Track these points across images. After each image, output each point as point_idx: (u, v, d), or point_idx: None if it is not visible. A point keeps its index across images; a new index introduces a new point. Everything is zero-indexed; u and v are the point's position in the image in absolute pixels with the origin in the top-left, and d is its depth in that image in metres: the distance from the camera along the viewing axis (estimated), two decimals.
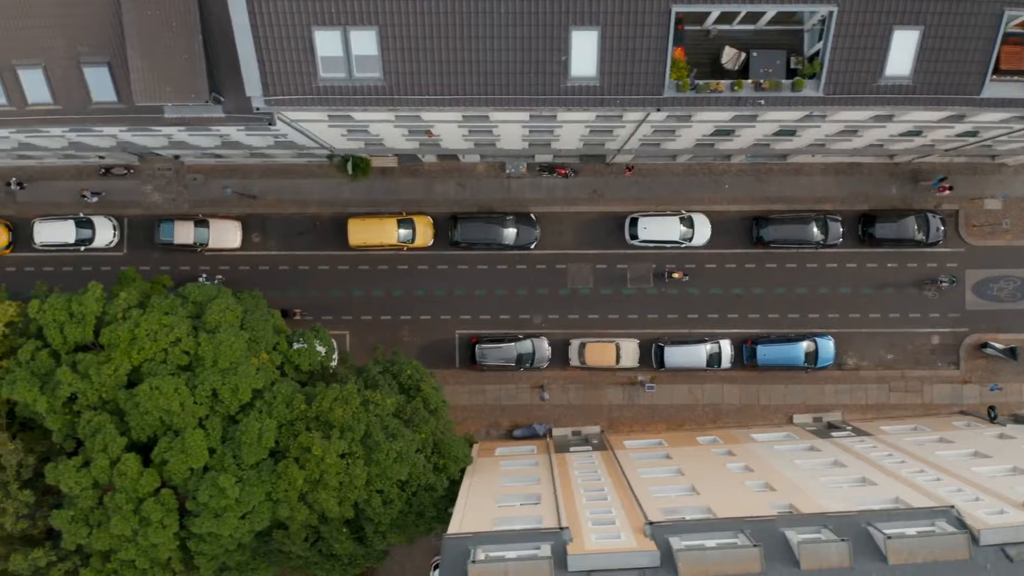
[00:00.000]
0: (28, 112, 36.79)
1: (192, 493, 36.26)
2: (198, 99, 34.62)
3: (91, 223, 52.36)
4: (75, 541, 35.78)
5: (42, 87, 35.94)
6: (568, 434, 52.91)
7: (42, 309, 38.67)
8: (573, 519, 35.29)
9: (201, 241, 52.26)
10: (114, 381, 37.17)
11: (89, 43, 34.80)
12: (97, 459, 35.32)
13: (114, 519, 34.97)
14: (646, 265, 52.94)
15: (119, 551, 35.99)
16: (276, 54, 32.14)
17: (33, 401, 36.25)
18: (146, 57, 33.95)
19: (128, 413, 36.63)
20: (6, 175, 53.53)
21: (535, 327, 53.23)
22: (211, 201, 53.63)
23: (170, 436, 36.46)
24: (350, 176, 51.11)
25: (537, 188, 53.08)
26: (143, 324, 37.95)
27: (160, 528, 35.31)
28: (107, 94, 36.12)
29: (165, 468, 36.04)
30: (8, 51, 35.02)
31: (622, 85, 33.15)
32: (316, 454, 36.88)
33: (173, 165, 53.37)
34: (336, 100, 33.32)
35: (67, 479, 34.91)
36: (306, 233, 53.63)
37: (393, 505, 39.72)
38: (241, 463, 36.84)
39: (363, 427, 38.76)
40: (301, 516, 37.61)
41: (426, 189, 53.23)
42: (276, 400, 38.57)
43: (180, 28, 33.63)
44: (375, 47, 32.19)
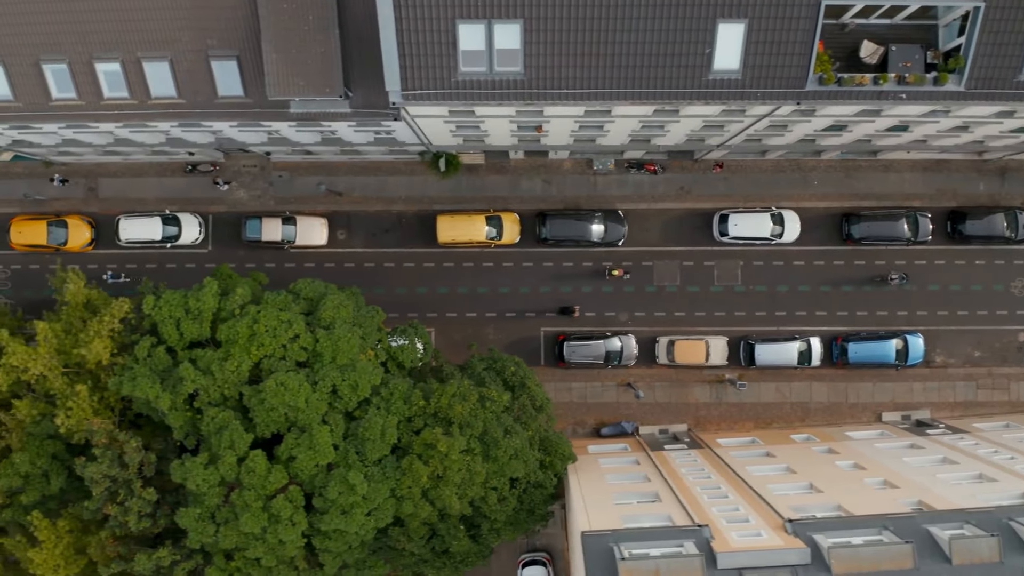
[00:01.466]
0: (150, 106, 36.52)
1: (319, 490, 35.97)
2: (332, 93, 34.36)
3: (177, 220, 52.11)
4: (201, 539, 35.45)
5: (167, 81, 35.64)
6: (655, 432, 52.66)
7: (157, 306, 38.36)
8: (704, 518, 35.00)
9: (288, 238, 52.01)
10: (236, 377, 36.90)
11: (219, 37, 34.51)
12: (224, 456, 35.00)
13: (243, 516, 34.65)
14: (734, 262, 52.68)
15: (246, 549, 35.66)
16: (418, 48, 31.86)
17: (155, 398, 35.94)
18: (280, 51, 33.67)
19: (253, 409, 36.34)
20: (85, 172, 53.30)
21: (621, 325, 52.96)
22: (296, 198, 53.38)
23: (296, 432, 36.17)
24: (441, 173, 50.85)
25: (624, 185, 52.84)
26: (261, 320, 37.67)
27: (289, 525, 34.99)
28: (234, 88, 35.83)
29: (292, 465, 35.74)
30: (135, 44, 34.75)
31: (764, 78, 32.90)
32: (441, 450, 36.62)
33: (259, 162, 53.11)
34: (475, 95, 33.06)
35: (195, 476, 34.59)
36: (392, 230, 53.38)
37: (507, 502, 39.46)
38: (365, 459, 36.57)
39: (481, 424, 38.50)
40: (424, 513, 37.35)
41: (512, 186, 52.98)
42: (393, 397, 38.30)
43: (316, 22, 33.36)
44: (518, 40, 31.93)
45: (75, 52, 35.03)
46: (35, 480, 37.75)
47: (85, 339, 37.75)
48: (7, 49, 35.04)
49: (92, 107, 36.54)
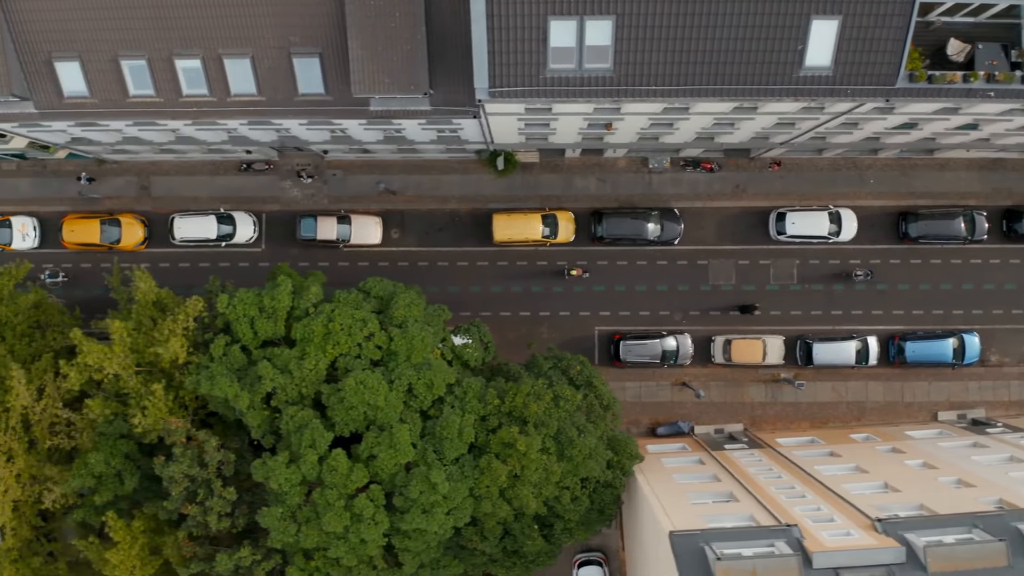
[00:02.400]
0: (229, 104, 36.30)
1: (399, 489, 35.79)
2: (417, 91, 34.15)
3: (232, 218, 51.92)
4: (283, 539, 35.22)
5: (248, 78, 35.39)
6: (711, 431, 52.48)
7: (231, 304, 38.16)
8: (788, 517, 34.80)
9: (343, 237, 51.81)
10: (315, 376, 36.72)
11: (302, 34, 34.28)
12: (306, 455, 34.80)
13: (327, 516, 34.45)
14: (790, 261, 52.51)
15: (328, 548, 35.45)
16: (508, 44, 31.67)
17: (234, 396, 35.73)
18: (367, 48, 33.45)
19: (332, 408, 36.13)
20: (138, 170, 53.11)
21: (675, 324, 52.78)
22: (350, 197, 53.20)
23: (375, 431, 35.96)
24: (497, 171, 50.66)
25: (679, 183, 52.66)
26: (336, 319, 37.49)
27: (372, 524, 34.78)
28: (315, 86, 35.61)
29: (373, 463, 35.55)
30: (217, 40, 34.50)
31: (855, 75, 32.73)
32: (520, 449, 36.45)
33: (313, 160, 52.92)
34: (563, 92, 32.87)
35: (277, 476, 34.37)
36: (445, 229, 53.19)
37: (580, 502, 39.28)
38: (443, 458, 36.40)
39: (556, 423, 38.34)
40: (502, 512, 37.17)
41: (566, 184, 52.80)
42: (467, 396, 38.13)
43: (403, 19, 33.15)
44: (609, 37, 31.75)
45: (155, 49, 34.81)
46: (108, 480, 37.54)
47: (159, 337, 37.55)
48: (86, 45, 34.80)
49: (170, 104, 36.32)
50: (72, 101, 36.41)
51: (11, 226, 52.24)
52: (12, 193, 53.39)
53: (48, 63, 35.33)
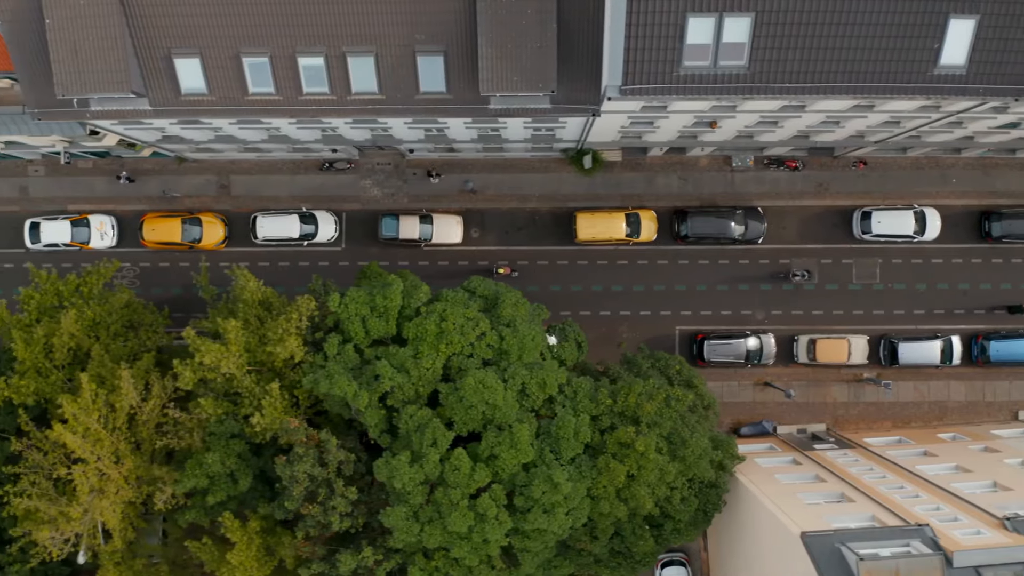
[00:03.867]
0: (349, 102, 36.10)
1: (520, 488, 35.61)
2: (544, 89, 33.96)
3: (314, 218, 51.73)
4: (406, 539, 35.01)
5: (370, 76, 35.18)
6: (794, 431, 52.33)
7: (343, 303, 37.97)
8: (912, 517, 34.65)
9: (425, 237, 51.63)
10: (432, 375, 36.54)
11: (428, 31, 34.07)
12: (428, 455, 34.61)
13: (451, 515, 34.25)
14: (873, 260, 52.36)
15: (451, 548, 35.27)
16: (645, 42, 31.47)
17: (353, 395, 35.51)
18: (497, 46, 33.25)
19: (450, 407, 35.95)
20: (218, 168, 52.93)
21: (757, 323, 52.63)
22: (430, 196, 53.02)
23: (494, 431, 35.78)
24: (585, 170, 50.49)
25: (761, 182, 52.51)
26: (449, 318, 37.32)
27: (496, 524, 34.59)
28: (436, 84, 35.40)
29: (494, 463, 35.38)
30: (341, 38, 34.28)
31: (987, 75, 32.58)
32: (639, 449, 36.28)
33: (392, 159, 52.75)
34: (696, 89, 32.68)
35: (401, 475, 34.17)
36: (525, 228, 53.02)
37: (689, 502, 39.11)
38: (560, 458, 36.23)
39: (669, 423, 38.18)
40: (619, 513, 37.01)
41: (647, 183, 52.63)
42: (578, 395, 37.98)
43: (534, 16, 32.97)
44: (746, 34, 31.58)
45: (278, 46, 34.59)
46: (220, 480, 37.35)
47: (272, 336, 37.35)
48: (208, 42, 34.57)
49: (289, 102, 36.11)
50: (189, 98, 36.20)
51: (89, 225, 52.00)
52: (88, 191, 53.19)
53: (167, 59, 35.11)
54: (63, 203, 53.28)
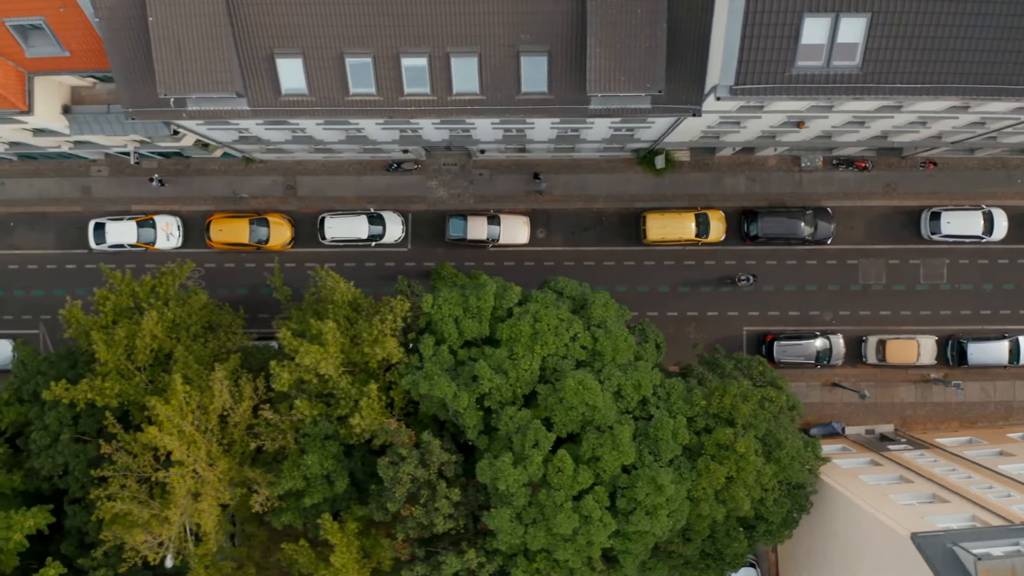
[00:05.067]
0: (450, 102, 35.91)
1: (622, 490, 35.47)
2: (652, 88, 33.83)
3: (382, 218, 51.54)
4: (510, 541, 34.85)
5: (472, 77, 34.99)
6: (862, 432, 52.27)
7: (437, 304, 37.81)
8: (1015, 516, 34.63)
9: (493, 237, 51.48)
10: (530, 376, 36.39)
11: (533, 31, 33.90)
12: (531, 456, 34.46)
13: (557, 517, 34.09)
14: (940, 260, 52.33)
15: (555, 550, 35.11)
16: (759, 41, 31.32)
17: (453, 397, 35.35)
18: (606, 46, 33.10)
19: (550, 408, 35.79)
20: (284, 169, 52.73)
21: (825, 324, 52.55)
22: (496, 196, 52.88)
23: (594, 432, 35.63)
24: (656, 170, 50.37)
25: (829, 182, 52.44)
26: (543, 319, 37.18)
27: (600, 526, 34.46)
28: (538, 84, 35.22)
29: (596, 465, 35.25)
30: (446, 38, 34.10)
31: None
32: (739, 451, 36.20)
33: (459, 160, 52.59)
34: (808, 89, 32.55)
35: (506, 477, 34.01)
36: (591, 228, 52.90)
37: (781, 503, 39.02)
38: (659, 460, 36.10)
39: (764, 425, 38.08)
40: (718, 515, 36.91)
41: (714, 183, 52.54)
42: (671, 396, 37.85)
43: (645, 16, 32.81)
44: (860, 34, 31.47)
45: (383, 46, 34.36)
46: (316, 482, 37.15)
47: (367, 338, 37.17)
48: (311, 41, 34.35)
49: (389, 103, 35.90)
50: (289, 99, 35.97)
51: (155, 226, 51.75)
52: (153, 192, 52.94)
53: (269, 60, 34.89)
54: (127, 203, 53.03)
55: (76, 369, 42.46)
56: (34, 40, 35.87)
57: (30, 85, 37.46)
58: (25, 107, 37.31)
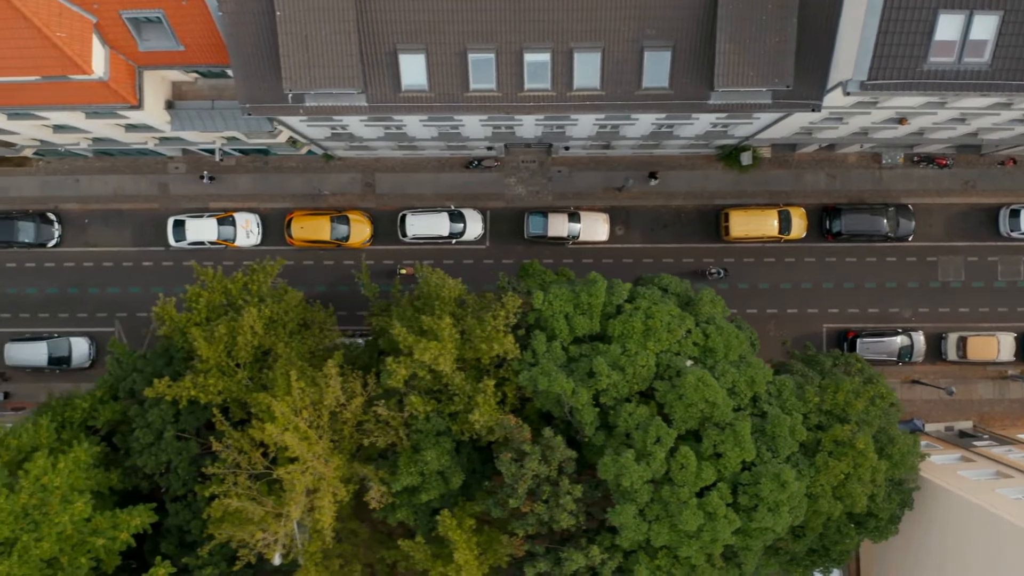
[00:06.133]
0: (569, 98, 35.76)
1: (744, 487, 35.39)
2: (780, 83, 33.78)
3: (462, 216, 51.41)
4: (634, 537, 34.75)
5: (594, 72, 34.87)
6: (941, 428, 52.30)
7: (547, 301, 37.72)
8: None
9: (573, 234, 51.38)
10: (646, 372, 36.29)
11: (659, 26, 33.80)
12: (654, 452, 34.38)
13: (683, 514, 34.01)
14: (1017, 258, 52.38)
15: (678, 547, 35.03)
16: (895, 37, 31.33)
17: (571, 393, 35.23)
18: (735, 41, 33.05)
19: (668, 405, 35.71)
20: (363, 166, 52.57)
21: (904, 321, 52.57)
22: (575, 193, 52.78)
23: (714, 429, 35.53)
24: (742, 167, 50.31)
25: (908, 179, 52.45)
26: (656, 315, 37.13)
27: (726, 522, 34.41)
28: (659, 80, 35.12)
29: (718, 461, 35.18)
30: (570, 33, 33.96)
31: None
32: (858, 447, 36.18)
33: (537, 157, 52.47)
34: (938, 85, 32.57)
35: (630, 473, 33.91)
36: (670, 225, 52.83)
37: (891, 499, 39.02)
38: (777, 456, 36.04)
39: (877, 421, 38.05)
40: (835, 511, 36.87)
41: (795, 180, 52.52)
42: (783, 393, 37.80)
43: (775, 10, 32.76)
44: (992, 31, 31.51)
45: (506, 42, 34.21)
46: (431, 479, 37.00)
47: (480, 334, 37.02)
48: (435, 37, 34.18)
49: (508, 98, 35.74)
50: (408, 95, 35.80)
51: (235, 223, 51.53)
52: (232, 189, 52.74)
53: (392, 55, 34.69)
54: (204, 201, 52.78)
55: (172, 366, 42.15)
56: (148, 33, 35.61)
57: (139, 79, 37.20)
58: (136, 102, 37.04)
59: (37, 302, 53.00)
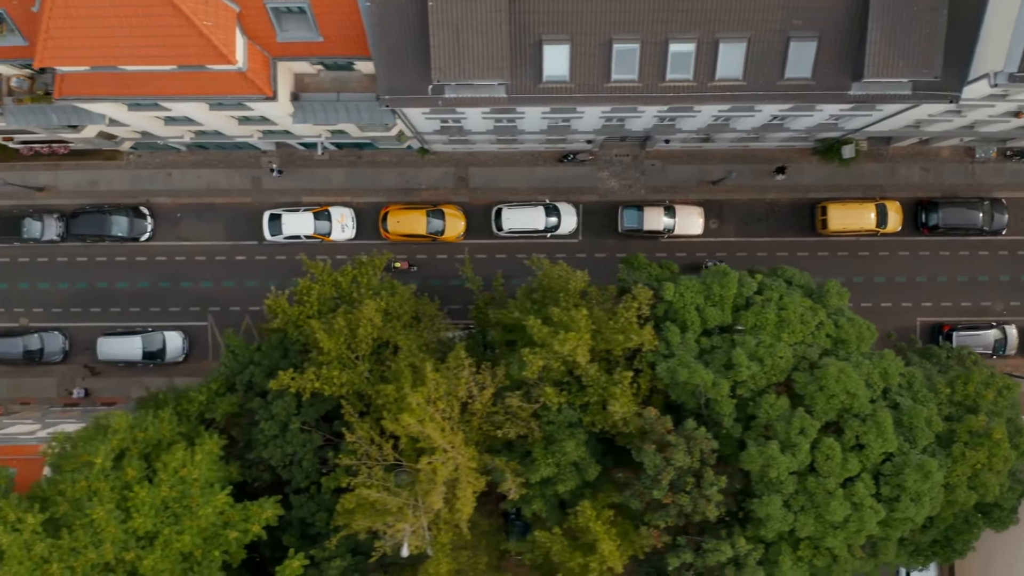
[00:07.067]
0: (710, 88, 35.79)
1: (887, 477, 35.41)
2: (929, 74, 33.84)
3: (557, 210, 51.40)
4: (780, 528, 34.75)
5: (737, 62, 34.85)
6: None
7: (679, 292, 37.74)
8: None
9: (669, 228, 51.40)
10: (785, 364, 36.30)
11: (806, 16, 33.83)
12: (799, 444, 34.39)
13: (831, 504, 33.93)
14: None
15: (823, 538, 35.06)
16: None
17: (711, 384, 35.23)
18: (887, 31, 33.08)
19: (809, 396, 35.67)
20: (455, 161, 52.53)
21: (996, 314, 52.69)
22: (668, 187, 52.79)
23: (854, 420, 35.53)
24: (842, 160, 50.36)
25: (1000, 173, 52.56)
26: (789, 307, 37.19)
27: (871, 512, 34.47)
28: (801, 70, 35.14)
29: (860, 452, 35.21)
30: (717, 23, 33.94)
31: None
32: (995, 438, 36.24)
33: (630, 151, 52.49)
34: None
35: (777, 464, 33.91)
36: (764, 219, 52.87)
37: (1015, 489, 39.08)
38: (915, 447, 36.08)
39: (1006, 412, 38.11)
40: (970, 501, 36.95)
41: (889, 174, 52.60)
42: (913, 385, 37.84)
43: (927, 2, 32.83)
44: None
45: (651, 32, 34.18)
46: (566, 470, 36.96)
47: (614, 326, 37.02)
48: (581, 28, 34.13)
49: (648, 89, 35.74)
50: (548, 85, 35.75)
51: (331, 217, 51.45)
52: (325, 184, 52.68)
53: (535, 46, 34.64)
54: (297, 195, 52.70)
55: (288, 359, 42.01)
56: (289, 24, 35.52)
57: (274, 71, 37.12)
58: (271, 93, 36.96)
59: (128, 296, 52.87)
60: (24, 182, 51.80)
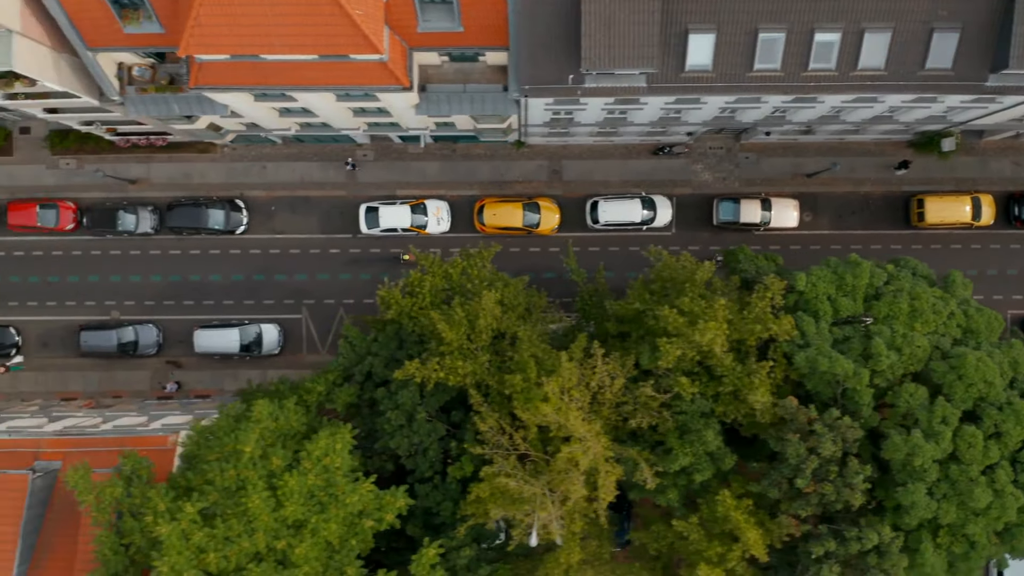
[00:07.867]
0: (852, 78, 35.90)
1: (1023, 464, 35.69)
2: None
3: (653, 203, 51.54)
4: (923, 516, 34.94)
5: (880, 52, 34.98)
6: None
7: (811, 283, 37.92)
8: None
9: (765, 221, 51.53)
10: (922, 354, 36.47)
11: (951, 7, 34.03)
12: (942, 432, 34.58)
13: (975, 491, 34.15)
14: None
15: (965, 525, 35.27)
16: None
17: (852, 374, 35.40)
18: None
19: (947, 384, 35.82)
20: (549, 154, 52.63)
21: None
22: (762, 179, 52.93)
23: (991, 408, 35.71)
24: (942, 153, 50.53)
25: None
26: (920, 297, 37.39)
27: (1012, 498, 34.74)
28: (942, 61, 35.32)
29: (999, 440, 35.42)
30: (864, 13, 34.10)
31: None
32: None
33: (724, 143, 52.62)
34: None
35: (923, 453, 33.95)
36: (858, 212, 53.04)
37: None
38: None
39: None
40: None
41: (981, 167, 52.79)
42: None
43: None
44: None
45: (798, 21, 34.33)
46: (702, 459, 37.08)
47: (749, 316, 37.16)
48: (727, 16, 34.23)
49: (790, 78, 35.87)
50: (690, 75, 35.86)
51: (426, 211, 51.50)
52: (419, 177, 52.72)
53: (681, 35, 34.77)
54: (391, 188, 52.74)
55: (404, 350, 42.07)
56: (431, 14, 35.54)
57: (410, 61, 37.18)
58: (408, 83, 36.99)
59: (221, 289, 52.90)
60: (116, 174, 51.78)
